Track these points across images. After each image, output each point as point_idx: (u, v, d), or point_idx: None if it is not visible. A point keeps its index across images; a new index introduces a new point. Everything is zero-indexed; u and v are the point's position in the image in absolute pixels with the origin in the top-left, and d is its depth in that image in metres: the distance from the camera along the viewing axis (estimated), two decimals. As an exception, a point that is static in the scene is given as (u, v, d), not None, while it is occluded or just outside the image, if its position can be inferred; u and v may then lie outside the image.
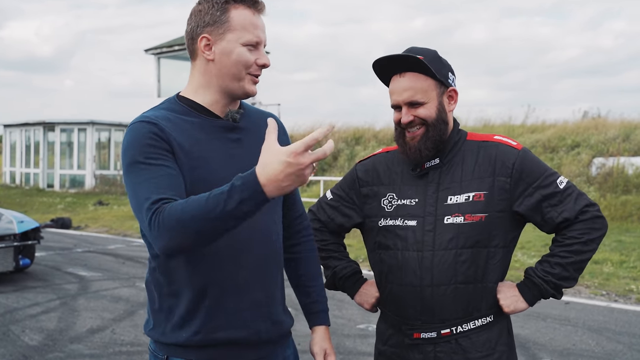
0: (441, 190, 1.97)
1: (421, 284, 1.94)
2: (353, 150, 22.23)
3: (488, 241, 1.94)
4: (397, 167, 2.07)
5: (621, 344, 5.40)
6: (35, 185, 25.44)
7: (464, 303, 1.94)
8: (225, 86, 1.79)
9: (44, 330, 5.77)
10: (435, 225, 1.95)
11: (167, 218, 1.51)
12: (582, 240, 1.93)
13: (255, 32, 1.76)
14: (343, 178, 2.20)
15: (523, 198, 1.94)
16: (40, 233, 8.63)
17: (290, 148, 1.44)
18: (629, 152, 16.06)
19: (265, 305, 1.81)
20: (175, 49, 22.81)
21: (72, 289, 7.59)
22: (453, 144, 2.01)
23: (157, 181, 1.60)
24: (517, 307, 1.97)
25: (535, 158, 2.00)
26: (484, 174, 1.96)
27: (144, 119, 1.72)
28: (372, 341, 5.44)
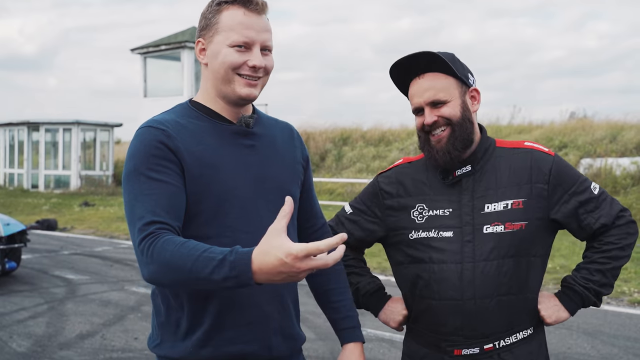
0: (476, 199, 1.89)
1: (462, 298, 1.85)
2: (340, 151, 22.20)
3: (528, 250, 1.87)
4: (422, 177, 1.98)
5: (616, 347, 5.39)
6: (20, 185, 25.12)
7: (506, 316, 1.86)
8: (219, 90, 1.73)
9: (32, 336, 5.65)
10: (474, 235, 1.86)
11: (158, 254, 1.48)
12: (620, 246, 1.90)
13: (243, 32, 1.67)
14: (363, 191, 2.10)
15: (560, 205, 1.89)
16: (27, 236, 8.49)
17: (292, 250, 1.36)
18: (616, 153, 16.16)
19: (277, 319, 1.75)
20: (161, 49, 22.64)
21: (60, 293, 7.46)
22: (484, 150, 1.93)
23: (156, 199, 1.57)
24: (559, 317, 1.91)
25: (568, 164, 1.95)
26: (521, 180, 1.89)
27: (153, 124, 1.66)
28: (366, 345, 5.39)
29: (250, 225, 1.68)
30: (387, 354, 5.23)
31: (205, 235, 1.63)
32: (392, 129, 23.25)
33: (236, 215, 1.67)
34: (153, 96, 23.01)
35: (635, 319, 6.35)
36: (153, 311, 1.79)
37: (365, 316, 6.42)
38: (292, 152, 1.87)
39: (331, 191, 18.54)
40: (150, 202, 1.56)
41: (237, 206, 1.68)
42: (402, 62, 1.90)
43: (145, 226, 1.53)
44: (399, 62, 1.90)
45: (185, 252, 1.45)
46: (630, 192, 14.02)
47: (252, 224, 1.68)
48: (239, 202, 1.67)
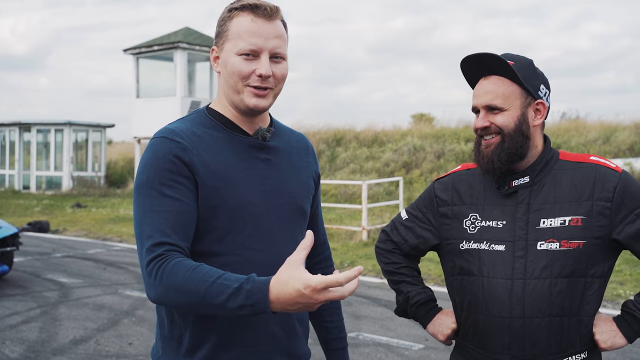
0: (532, 212, 1.81)
1: (511, 315, 1.78)
2: (334, 152, 22.17)
3: (585, 270, 1.78)
4: (479, 185, 1.91)
5: (614, 351, 5.38)
6: (11, 187, 24.95)
7: (558, 337, 1.79)
8: (231, 99, 1.69)
9: (25, 342, 5.59)
10: (527, 251, 1.79)
11: (168, 277, 1.46)
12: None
13: (250, 39, 1.62)
14: (420, 196, 2.05)
15: (624, 225, 1.79)
16: (19, 239, 8.41)
17: (311, 282, 1.37)
18: (610, 154, 16.22)
19: (283, 339, 1.71)
20: (154, 49, 22.54)
21: (53, 297, 7.39)
22: (545, 162, 1.85)
23: (166, 217, 1.54)
24: (615, 343, 1.81)
25: (637, 182, 1.84)
26: (582, 197, 1.80)
27: (168, 134, 1.62)
28: (363, 350, 5.37)
29: (262, 243, 1.65)
30: (384, 358, 5.20)
31: (216, 252, 1.61)
32: (385, 129, 23.25)
33: (249, 232, 1.64)
34: (146, 97, 22.91)
35: (631, 322, 6.34)
36: (157, 322, 1.75)
37: (362, 320, 6.41)
38: (306, 167, 1.84)
39: (324, 192, 18.50)
40: (159, 221, 1.53)
41: (251, 223, 1.64)
42: (473, 58, 1.84)
43: (154, 247, 1.50)
44: (469, 57, 1.85)
45: (198, 277, 1.43)
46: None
47: (263, 242, 1.65)
48: (252, 219, 1.64)
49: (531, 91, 1.83)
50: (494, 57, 1.79)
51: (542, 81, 1.87)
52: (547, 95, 1.89)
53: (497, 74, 1.82)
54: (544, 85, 1.87)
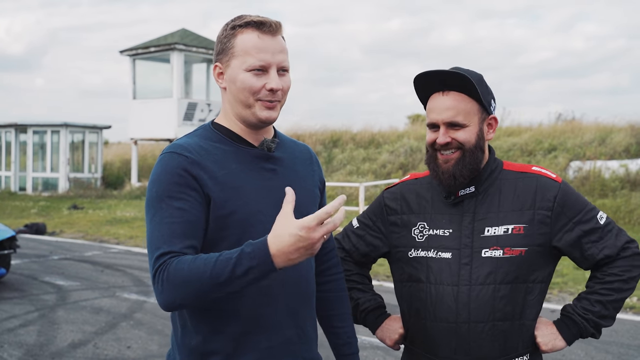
0: (477, 221, 1.87)
1: (457, 320, 1.84)
2: (331, 153, 22.20)
3: (527, 276, 1.85)
4: (427, 194, 1.97)
5: (610, 354, 5.42)
6: (7, 188, 24.90)
7: (501, 341, 1.85)
8: (239, 114, 1.74)
9: (23, 345, 5.59)
10: (472, 258, 1.85)
11: (173, 275, 1.51)
12: (624, 278, 1.87)
13: (259, 55, 1.67)
14: (370, 205, 2.10)
15: (563, 233, 1.87)
16: (17, 242, 8.41)
17: (303, 222, 1.45)
18: (605, 156, 16.28)
19: (297, 344, 1.76)
20: (150, 51, 22.53)
21: (51, 300, 7.39)
22: (490, 172, 1.91)
23: (174, 227, 1.59)
24: (555, 345, 1.89)
25: (575, 192, 1.92)
26: (524, 206, 1.87)
27: (176, 149, 1.67)
28: (361, 353, 5.37)
29: None
30: (382, 362, 5.22)
31: None
32: (382, 131, 23.30)
33: None
34: (142, 98, 22.90)
35: (628, 325, 6.38)
36: (172, 330, 1.80)
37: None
38: (311, 176, 1.89)
39: (321, 194, 18.52)
40: (167, 232, 1.58)
41: (261, 231, 1.67)
42: (431, 74, 1.86)
43: (160, 257, 1.56)
44: (426, 73, 1.87)
45: (201, 263, 1.50)
46: (618, 195, 14.11)
47: None
48: (262, 226, 1.67)
49: (486, 106, 1.87)
50: (456, 74, 1.82)
51: (492, 96, 1.93)
52: (495, 109, 1.94)
53: (456, 90, 1.85)
54: (493, 100, 1.93)
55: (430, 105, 1.90)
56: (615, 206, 13.44)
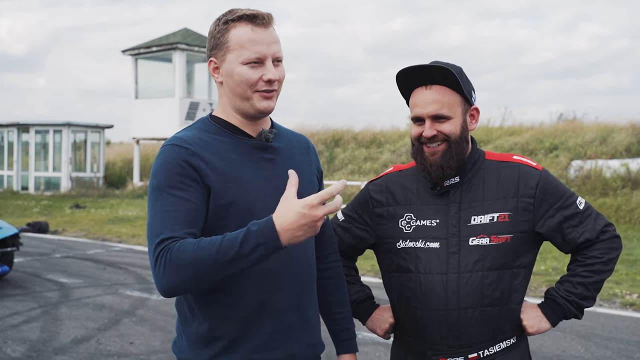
0: (463, 210, 1.92)
1: (447, 308, 1.89)
2: (332, 153, 22.23)
3: (512, 262, 1.91)
4: (412, 186, 2.01)
5: (609, 349, 5.45)
6: (9, 187, 24.96)
7: (490, 326, 1.91)
8: (237, 106, 1.78)
9: (26, 341, 5.63)
10: (460, 246, 1.90)
11: (176, 257, 1.54)
12: (603, 260, 1.93)
13: (254, 48, 1.71)
14: (355, 198, 2.14)
15: (545, 219, 1.93)
16: (19, 239, 8.45)
17: (307, 201, 1.52)
18: (606, 155, 16.28)
19: (300, 328, 1.80)
20: (153, 50, 22.58)
21: (53, 297, 7.43)
22: (473, 162, 1.96)
23: (175, 215, 1.62)
24: (541, 327, 1.95)
25: (555, 179, 1.99)
26: (508, 194, 1.92)
27: (176, 142, 1.71)
28: (362, 349, 5.40)
29: None
30: (383, 357, 5.26)
31: None
32: (383, 130, 23.32)
33: None
34: (144, 97, 22.95)
35: (627, 321, 6.40)
36: (177, 319, 1.84)
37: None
38: (309, 165, 1.93)
39: (323, 193, 18.55)
40: (169, 219, 1.61)
41: (260, 219, 1.69)
42: (411, 69, 1.90)
43: (160, 243, 1.58)
44: (408, 69, 1.90)
45: (206, 244, 1.53)
46: (619, 194, 14.12)
47: None
48: (262, 215, 1.70)
49: (468, 98, 1.92)
50: (438, 68, 1.86)
51: (472, 87, 1.98)
52: (475, 100, 1.99)
53: (439, 84, 1.89)
54: (473, 90, 1.98)
55: (413, 99, 1.93)
56: (616, 205, 13.46)
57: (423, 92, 1.90)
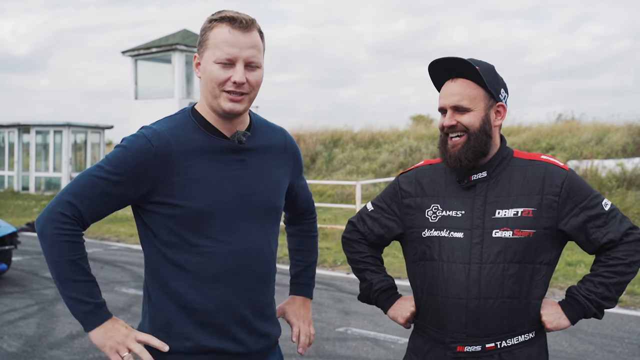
0: (489, 204, 1.98)
1: (468, 297, 1.94)
2: (331, 153, 22.33)
3: (534, 257, 1.96)
4: (440, 179, 2.08)
5: (593, 344, 5.55)
6: (10, 188, 25.10)
7: (509, 318, 1.95)
8: (209, 103, 1.85)
9: (22, 337, 5.75)
10: (483, 238, 1.95)
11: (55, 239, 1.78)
12: (626, 262, 1.96)
13: (226, 49, 1.77)
14: (385, 189, 2.22)
15: (569, 217, 1.97)
16: (18, 238, 8.56)
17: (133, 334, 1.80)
18: (602, 155, 16.37)
19: (252, 321, 1.89)
20: (152, 51, 22.71)
21: (50, 294, 7.55)
22: (501, 159, 2.03)
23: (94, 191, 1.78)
24: (560, 324, 1.99)
25: (581, 179, 2.03)
26: (533, 191, 1.98)
27: (150, 134, 1.81)
28: (350, 344, 5.53)
29: (231, 237, 1.83)
30: (371, 352, 5.36)
31: (191, 244, 1.81)
32: (382, 130, 23.41)
33: (219, 227, 1.82)
34: (144, 98, 23.09)
35: (613, 318, 6.50)
36: (143, 302, 1.96)
37: (351, 316, 6.57)
38: (282, 165, 2.01)
39: (321, 193, 18.67)
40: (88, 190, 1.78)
41: (220, 219, 1.82)
42: (440, 62, 1.99)
43: (67, 205, 1.78)
44: (438, 61, 1.99)
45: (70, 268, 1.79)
46: (614, 193, 14.22)
47: (232, 235, 1.83)
48: (221, 216, 1.82)
49: (493, 94, 1.99)
50: (462, 61, 1.95)
51: (503, 86, 2.04)
52: (506, 99, 2.06)
53: (464, 77, 1.98)
54: (504, 89, 2.05)
55: (441, 92, 2.03)
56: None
57: (449, 84, 2.00)
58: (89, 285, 1.79)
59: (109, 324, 1.79)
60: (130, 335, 1.78)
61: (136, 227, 1.93)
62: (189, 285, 1.81)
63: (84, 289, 1.77)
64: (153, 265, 1.86)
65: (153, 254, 1.85)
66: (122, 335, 1.77)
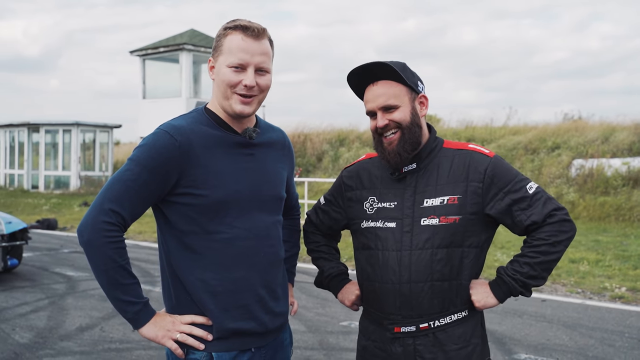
0: (418, 194, 2.11)
1: (400, 281, 2.07)
2: (337, 152, 22.41)
3: (462, 241, 2.07)
4: (377, 172, 2.21)
5: (593, 338, 5.62)
6: (20, 186, 25.35)
7: (440, 299, 2.07)
8: (221, 104, 2.01)
9: (34, 329, 5.89)
10: (413, 226, 2.08)
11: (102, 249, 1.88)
12: (550, 242, 2.04)
13: (239, 54, 1.95)
14: (333, 183, 2.37)
15: (494, 202, 2.07)
16: (28, 234, 8.71)
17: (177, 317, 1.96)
18: (608, 154, 16.38)
19: (268, 301, 2.05)
20: (160, 51, 22.86)
21: (60, 289, 7.69)
22: (430, 150, 2.14)
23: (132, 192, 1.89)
24: (487, 302, 2.09)
25: (506, 165, 2.13)
26: (458, 179, 2.09)
27: (170, 130, 1.94)
28: (355, 337, 5.61)
29: (246, 223, 2.00)
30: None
31: (209, 230, 1.95)
32: (388, 130, 23.41)
33: (235, 215, 1.98)
34: (152, 98, 23.24)
35: (613, 313, 6.58)
36: (164, 293, 2.09)
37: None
38: (282, 160, 2.19)
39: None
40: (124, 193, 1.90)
41: (236, 208, 1.98)
42: (358, 70, 2.12)
43: (110, 213, 1.88)
44: (355, 70, 2.12)
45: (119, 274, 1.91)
46: (620, 192, 14.25)
47: (247, 222, 2.00)
48: (238, 204, 1.98)
49: (414, 87, 2.11)
50: (379, 64, 2.08)
51: (418, 78, 2.16)
52: (424, 89, 2.19)
53: (383, 79, 2.09)
54: (420, 81, 2.18)
55: (365, 97, 2.15)
56: (617, 204, 13.60)
57: (371, 88, 2.12)
58: (136, 286, 1.93)
59: (156, 317, 1.95)
60: (175, 320, 1.94)
61: (155, 220, 2.06)
62: (209, 271, 1.95)
63: (132, 291, 1.91)
64: (174, 255, 1.99)
65: (173, 245, 1.99)
66: (169, 323, 1.93)
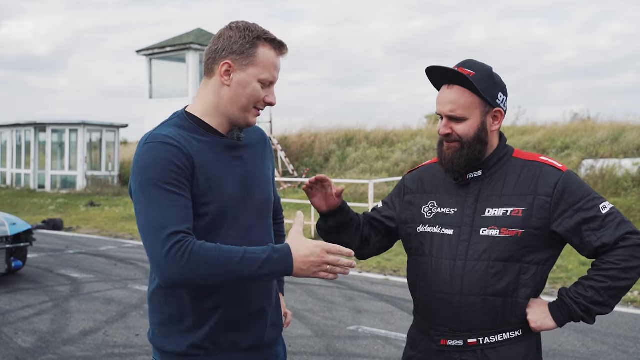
0: (480, 202, 2.01)
1: (450, 292, 1.97)
2: (344, 152, 22.33)
3: (521, 257, 1.95)
4: (441, 176, 2.13)
5: (606, 344, 5.51)
6: (26, 186, 25.35)
7: (492, 315, 1.96)
8: (231, 113, 1.89)
9: (36, 332, 5.81)
10: (471, 235, 1.98)
11: (197, 254, 1.66)
12: (620, 267, 1.90)
13: (273, 72, 1.88)
14: (394, 188, 2.30)
15: (562, 219, 1.94)
16: (33, 235, 8.65)
17: (323, 244, 1.73)
18: (621, 155, 16.22)
19: (268, 312, 1.98)
20: (167, 50, 22.81)
21: (64, 291, 7.62)
22: (498, 159, 2.04)
23: (176, 210, 1.73)
24: (544, 324, 1.96)
25: (579, 181, 1.99)
26: (525, 191, 1.98)
27: (164, 140, 1.79)
28: (362, 342, 5.53)
29: (240, 231, 1.89)
30: (382, 350, 5.36)
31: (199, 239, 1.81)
32: (395, 129, 23.37)
33: (229, 224, 1.87)
34: (158, 97, 23.19)
35: (627, 318, 6.45)
36: (150, 310, 1.96)
37: (362, 314, 6.56)
38: (266, 158, 2.09)
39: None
40: (171, 214, 1.72)
41: (231, 216, 1.87)
42: (435, 69, 2.01)
43: (171, 236, 1.68)
44: (431, 68, 2.01)
45: (227, 253, 1.68)
46: (631, 193, 14.09)
47: (241, 230, 1.89)
48: (232, 210, 1.87)
49: (489, 101, 1.99)
50: (454, 72, 1.96)
51: (500, 89, 2.03)
52: (504, 102, 2.05)
53: (460, 85, 1.98)
54: (502, 92, 2.04)
55: (438, 95, 2.04)
56: (627, 204, 13.42)
57: (445, 90, 2.01)
58: (249, 251, 1.69)
59: (295, 255, 1.71)
60: (321, 252, 1.72)
61: None
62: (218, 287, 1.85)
63: (254, 258, 1.68)
64: None
65: None
66: (315, 256, 1.71)
